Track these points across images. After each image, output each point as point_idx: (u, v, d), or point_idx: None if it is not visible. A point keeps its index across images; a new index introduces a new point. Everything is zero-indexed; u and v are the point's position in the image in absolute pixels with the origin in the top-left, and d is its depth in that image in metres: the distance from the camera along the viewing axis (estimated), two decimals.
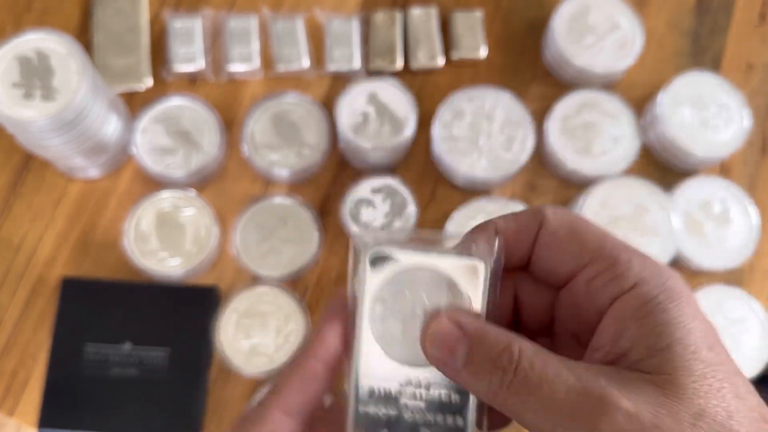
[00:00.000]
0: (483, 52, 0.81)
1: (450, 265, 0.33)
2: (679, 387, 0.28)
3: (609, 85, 0.81)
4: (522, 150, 0.75)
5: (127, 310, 0.72)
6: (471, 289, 0.33)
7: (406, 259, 0.33)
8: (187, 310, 0.72)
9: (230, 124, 0.79)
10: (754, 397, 0.29)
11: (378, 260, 0.33)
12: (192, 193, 0.74)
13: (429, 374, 0.33)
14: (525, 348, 0.30)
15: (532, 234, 0.33)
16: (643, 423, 0.27)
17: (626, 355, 0.30)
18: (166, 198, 0.74)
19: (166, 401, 0.69)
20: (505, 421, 0.34)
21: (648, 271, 0.31)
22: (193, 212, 0.73)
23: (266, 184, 0.78)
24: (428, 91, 0.81)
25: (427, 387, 0.33)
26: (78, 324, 0.71)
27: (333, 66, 0.79)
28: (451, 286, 0.33)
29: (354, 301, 0.34)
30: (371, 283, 0.33)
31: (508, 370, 0.29)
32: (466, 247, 0.34)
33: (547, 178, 0.79)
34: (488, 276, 0.33)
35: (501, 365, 0.30)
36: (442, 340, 0.31)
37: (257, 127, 0.75)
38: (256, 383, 0.72)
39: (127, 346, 0.70)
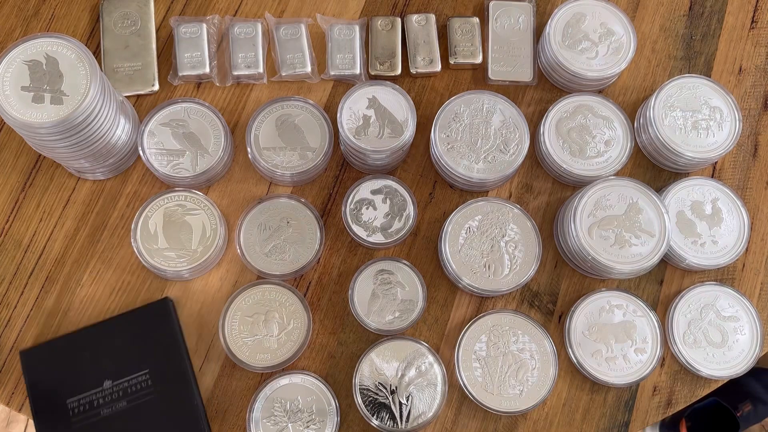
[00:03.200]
0: (480, 57, 0.82)
1: None
2: None
3: (603, 88, 0.83)
4: (518, 152, 0.76)
5: (94, 352, 0.71)
6: None
7: None
8: (149, 329, 0.71)
9: (235, 127, 0.80)
10: None
11: None
12: (198, 193, 0.75)
13: None
14: None
15: None
16: None
17: None
18: (172, 198, 0.75)
19: (163, 416, 0.69)
20: None
21: None
22: (199, 212, 0.75)
23: (270, 185, 0.79)
24: (427, 94, 0.82)
25: None
26: (52, 386, 0.70)
27: (334, 71, 0.81)
28: None
29: None
30: None
31: None
32: None
33: (543, 179, 0.80)
34: None
35: None
36: None
37: (261, 130, 0.77)
38: (261, 377, 0.73)
39: (107, 384, 0.70)
